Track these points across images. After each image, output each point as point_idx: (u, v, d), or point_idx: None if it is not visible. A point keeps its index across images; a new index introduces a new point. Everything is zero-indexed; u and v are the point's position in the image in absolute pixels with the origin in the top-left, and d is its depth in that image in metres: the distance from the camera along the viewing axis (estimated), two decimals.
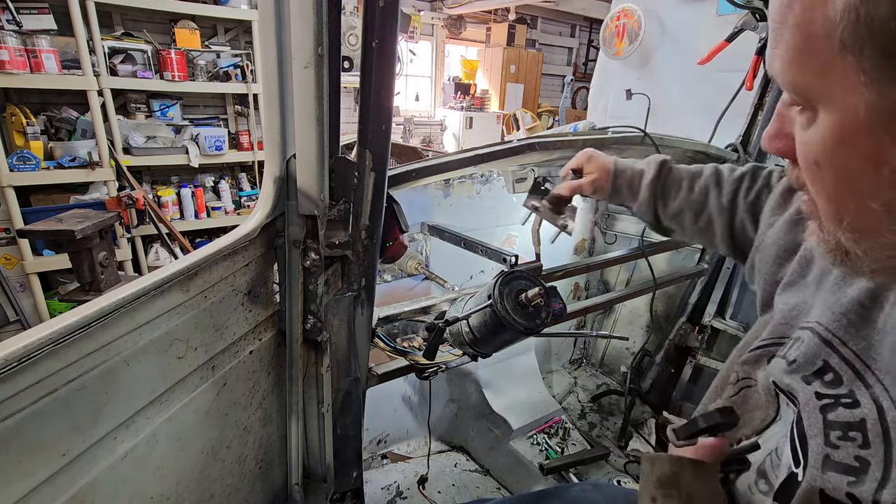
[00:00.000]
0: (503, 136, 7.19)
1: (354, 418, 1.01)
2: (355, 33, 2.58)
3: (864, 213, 0.39)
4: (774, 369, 0.58)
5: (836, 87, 0.36)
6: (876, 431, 0.45)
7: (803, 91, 0.40)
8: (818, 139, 0.40)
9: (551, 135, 1.27)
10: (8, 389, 0.45)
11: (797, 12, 0.37)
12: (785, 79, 0.41)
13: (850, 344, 0.51)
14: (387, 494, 1.72)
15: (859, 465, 0.45)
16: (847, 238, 0.41)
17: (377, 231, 0.85)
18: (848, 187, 0.40)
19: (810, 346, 0.54)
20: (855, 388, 0.48)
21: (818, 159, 0.40)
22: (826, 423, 0.49)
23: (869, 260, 0.41)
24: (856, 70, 0.35)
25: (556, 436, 2.01)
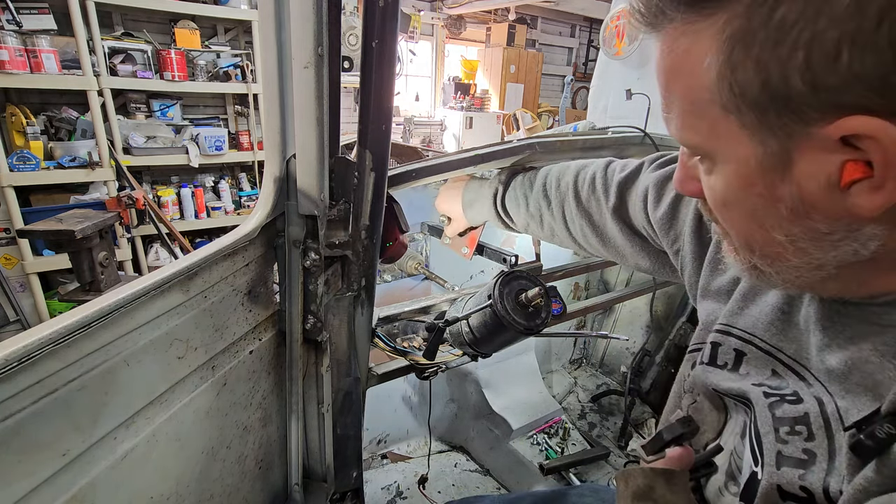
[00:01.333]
0: (503, 136, 7.19)
1: (354, 418, 1.01)
2: (355, 33, 2.58)
3: (770, 243, 0.44)
4: (714, 378, 0.61)
5: (726, 142, 0.41)
6: (818, 424, 0.48)
7: (700, 147, 0.45)
8: (721, 184, 0.45)
9: (551, 135, 1.27)
10: (8, 389, 0.45)
11: (680, 83, 0.42)
12: (682, 138, 0.46)
13: (786, 350, 0.55)
14: (387, 494, 1.72)
15: (807, 457, 0.48)
16: (760, 262, 0.47)
17: (377, 231, 0.85)
18: (754, 222, 0.44)
19: (758, 359, 0.58)
20: (798, 388, 0.52)
21: (725, 200, 0.45)
22: (775, 419, 0.51)
23: (780, 278, 0.47)
24: (739, 126, 0.40)
25: (556, 436, 2.01)
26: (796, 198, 0.40)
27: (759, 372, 0.57)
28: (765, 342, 0.57)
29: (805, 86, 0.34)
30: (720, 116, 0.40)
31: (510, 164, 1.19)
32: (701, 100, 0.41)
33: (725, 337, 0.62)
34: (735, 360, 0.60)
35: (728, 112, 0.39)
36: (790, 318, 0.56)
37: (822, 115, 0.35)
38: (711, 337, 0.64)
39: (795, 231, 0.42)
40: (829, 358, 0.49)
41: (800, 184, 0.39)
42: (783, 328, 0.56)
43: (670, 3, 0.39)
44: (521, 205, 1.04)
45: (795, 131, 0.37)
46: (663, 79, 0.44)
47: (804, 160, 0.38)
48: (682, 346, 2.02)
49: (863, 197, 0.37)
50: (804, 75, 0.34)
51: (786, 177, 0.40)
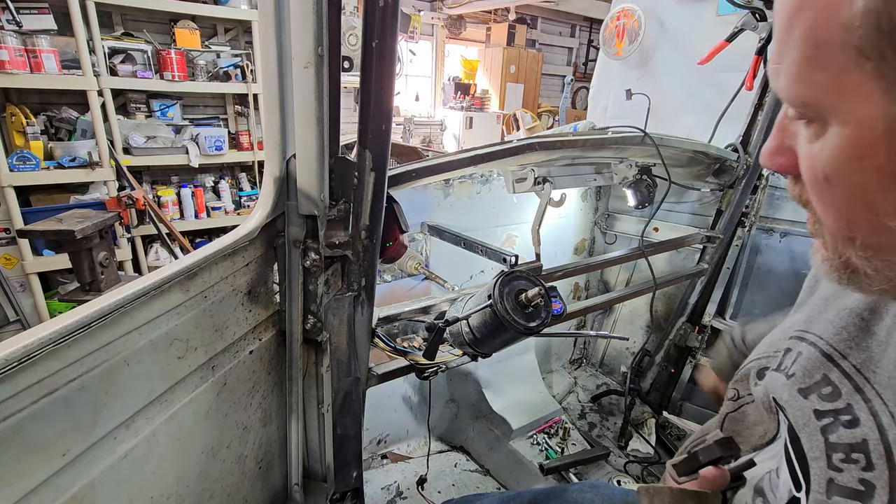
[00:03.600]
0: (503, 136, 7.19)
1: (354, 418, 1.01)
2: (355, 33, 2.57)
3: (880, 231, 0.37)
4: (773, 384, 0.56)
5: (851, 99, 0.34)
6: (879, 453, 0.43)
7: (813, 104, 0.37)
8: (829, 153, 0.37)
9: (551, 135, 1.27)
10: (8, 389, 0.45)
11: (807, 20, 0.35)
12: (793, 92, 0.38)
13: (851, 357, 0.50)
14: (387, 494, 1.72)
15: (864, 488, 0.43)
16: (858, 256, 0.39)
17: (377, 231, 0.85)
18: (862, 204, 0.37)
19: (810, 360, 0.53)
20: (853, 402, 0.47)
21: (829, 175, 0.38)
22: (828, 444, 0.47)
23: (879, 278, 0.40)
24: (875, 78, 0.33)
25: (556, 436, 2.01)
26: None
27: (808, 376, 0.52)
28: (830, 345, 0.52)
29: None
30: (851, 64, 0.33)
31: (510, 164, 1.19)
32: (831, 42, 0.34)
33: (797, 342, 0.57)
34: (794, 363, 0.55)
35: (865, 58, 0.32)
36: (869, 326, 0.50)
37: None
38: (788, 343, 0.59)
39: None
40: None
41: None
42: (856, 334, 0.51)
43: None
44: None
45: None
46: (786, 16, 0.37)
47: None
48: (682, 346, 2.02)
49: None
50: None
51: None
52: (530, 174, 1.31)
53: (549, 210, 1.37)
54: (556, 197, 1.39)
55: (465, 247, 1.41)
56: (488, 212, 1.79)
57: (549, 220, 1.47)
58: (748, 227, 1.85)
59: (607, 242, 2.28)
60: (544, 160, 1.31)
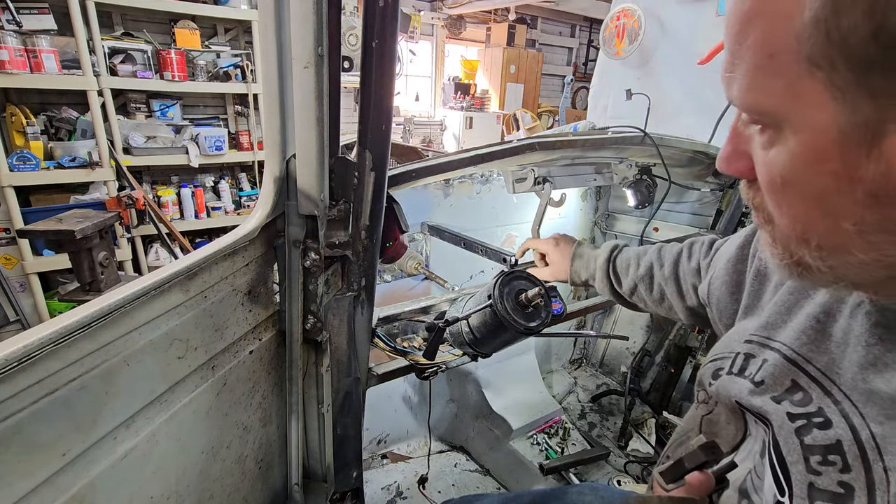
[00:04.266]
0: (503, 136, 7.19)
1: (354, 418, 1.01)
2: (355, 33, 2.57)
3: (834, 232, 0.38)
4: (736, 390, 0.57)
5: (805, 107, 0.35)
6: (854, 454, 0.43)
7: (767, 112, 0.38)
8: (785, 159, 0.38)
9: (551, 135, 1.27)
10: (8, 389, 0.45)
11: (760, 29, 0.36)
12: (746, 100, 0.39)
13: (815, 361, 0.51)
14: (387, 494, 1.72)
15: (844, 491, 0.43)
16: (813, 256, 0.40)
17: (377, 231, 0.85)
18: (817, 207, 0.38)
19: (777, 367, 0.54)
20: (823, 405, 0.47)
21: (785, 180, 0.39)
22: (804, 447, 0.47)
23: (833, 275, 0.40)
24: (826, 87, 0.33)
25: (556, 436, 2.01)
26: (881, 179, 0.33)
27: (778, 382, 0.53)
28: (794, 351, 0.53)
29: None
30: (803, 73, 0.34)
31: (510, 164, 1.19)
32: (783, 51, 0.34)
33: (760, 348, 0.58)
34: (760, 371, 0.56)
35: (816, 67, 0.33)
36: (824, 329, 0.51)
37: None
38: (746, 348, 0.60)
39: (870, 220, 0.35)
40: (875, 378, 0.44)
41: (890, 162, 0.33)
42: (815, 338, 0.52)
43: None
44: (633, 265, 1.03)
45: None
46: (738, 25, 0.38)
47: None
48: (682, 346, 2.02)
49: None
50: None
51: (873, 153, 0.33)
52: (530, 174, 1.31)
53: (549, 210, 1.37)
54: (556, 197, 1.39)
55: (465, 247, 1.41)
56: (488, 212, 1.79)
57: (549, 220, 1.47)
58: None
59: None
60: (544, 160, 1.32)
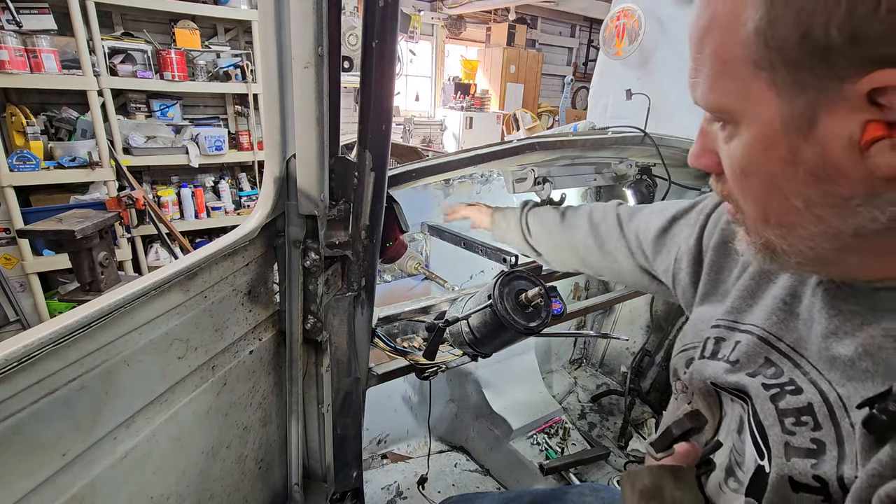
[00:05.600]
0: (503, 136, 7.19)
1: (354, 418, 1.01)
2: (355, 33, 2.57)
3: (788, 210, 0.44)
4: (710, 371, 0.62)
5: (754, 103, 0.42)
6: (823, 413, 0.48)
7: (726, 110, 0.45)
8: (743, 150, 0.45)
9: (551, 135, 1.27)
10: (8, 389, 0.45)
11: (714, 40, 0.43)
12: (708, 101, 0.46)
13: (784, 339, 0.56)
14: (387, 494, 1.72)
15: (817, 447, 0.48)
16: (775, 234, 0.47)
17: (377, 231, 0.85)
18: (772, 189, 0.45)
19: (750, 346, 0.59)
20: (794, 376, 0.53)
21: (745, 168, 0.46)
22: (779, 411, 0.52)
23: (794, 253, 0.47)
24: (769, 85, 0.40)
25: (556, 436, 2.01)
26: (818, 160, 0.40)
27: (752, 360, 0.58)
28: (765, 331, 0.58)
29: (844, 38, 0.35)
30: (751, 75, 0.41)
31: (510, 164, 1.19)
32: (734, 58, 0.41)
33: (729, 331, 0.63)
34: (734, 352, 0.60)
35: (760, 69, 0.40)
36: (792, 309, 0.57)
37: (856, 70, 0.36)
38: (714, 332, 0.64)
39: (814, 196, 0.42)
40: (836, 345, 0.49)
41: (823, 144, 0.39)
42: (784, 318, 0.57)
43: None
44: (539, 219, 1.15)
45: (826, 87, 0.38)
46: (697, 38, 0.45)
47: (829, 119, 0.39)
48: None
49: (882, 156, 0.37)
50: (844, 26, 0.35)
51: (809, 137, 0.40)
52: (530, 174, 1.31)
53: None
54: (556, 197, 1.39)
55: (465, 247, 1.41)
56: None
57: None
58: None
59: None
60: (544, 160, 1.32)
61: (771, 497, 0.51)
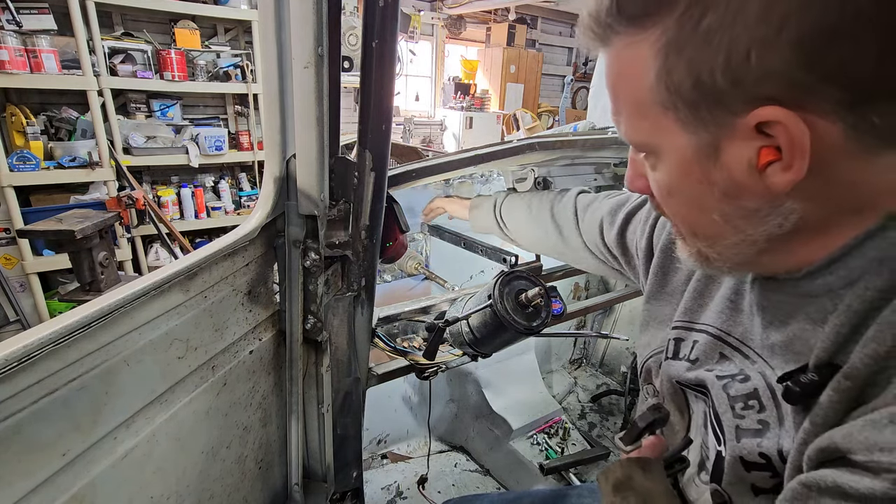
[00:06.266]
0: (503, 136, 7.19)
1: (354, 418, 1.01)
2: (355, 33, 2.57)
3: (710, 223, 0.50)
4: (674, 370, 0.67)
5: (667, 137, 0.48)
6: (767, 396, 0.54)
7: (645, 144, 0.51)
8: (666, 176, 0.51)
9: (551, 135, 1.27)
10: (8, 389, 0.45)
11: (625, 87, 0.49)
12: (630, 138, 0.52)
13: (733, 333, 0.62)
14: (387, 494, 1.72)
15: (762, 427, 0.53)
16: (703, 246, 0.53)
17: (377, 231, 0.85)
18: (694, 207, 0.51)
19: (706, 345, 0.64)
20: (744, 366, 0.58)
21: (670, 191, 0.52)
22: (730, 398, 0.57)
23: (723, 259, 0.53)
24: (675, 121, 0.46)
25: (556, 436, 2.01)
26: (727, 181, 0.46)
27: (709, 357, 0.63)
28: (716, 328, 0.64)
29: (727, 82, 0.41)
30: (660, 114, 0.46)
31: (510, 164, 1.19)
32: (643, 100, 0.47)
33: (686, 332, 0.68)
34: (693, 350, 0.66)
35: (666, 109, 0.46)
36: (737, 306, 0.62)
37: (742, 107, 0.41)
38: (674, 333, 0.69)
39: (728, 210, 0.48)
40: (772, 334, 0.55)
41: (728, 168, 0.45)
42: (731, 315, 0.63)
43: (616, 20, 0.46)
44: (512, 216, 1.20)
45: (722, 122, 0.43)
46: (611, 86, 0.51)
47: (730, 147, 0.44)
48: None
49: (777, 176, 0.43)
50: (725, 73, 0.40)
51: (717, 163, 0.46)
52: (530, 174, 1.31)
53: None
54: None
55: (465, 247, 1.41)
56: None
57: None
58: None
59: None
60: (544, 160, 1.32)
61: (729, 479, 0.56)
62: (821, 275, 0.49)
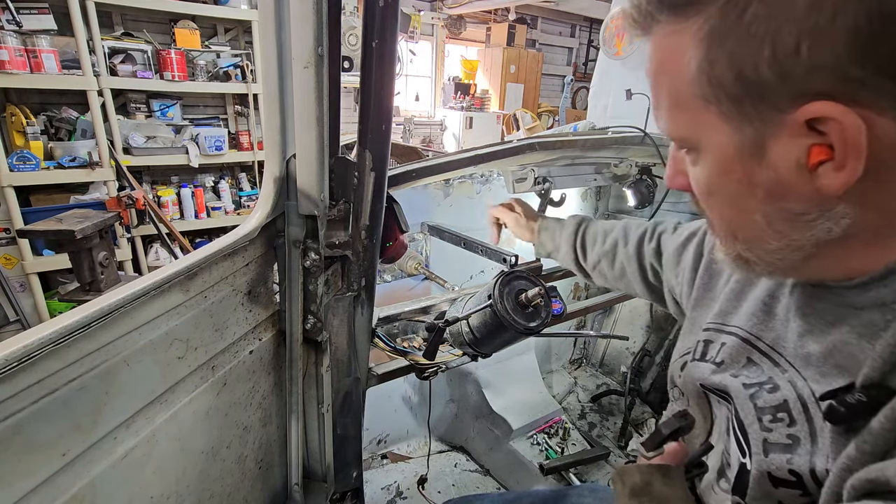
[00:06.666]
0: (503, 136, 7.19)
1: (354, 418, 1.01)
2: (355, 33, 2.57)
3: (750, 226, 0.48)
4: (699, 373, 0.64)
5: (708, 132, 0.45)
6: (798, 410, 0.51)
7: (686, 138, 0.49)
8: (705, 173, 0.49)
9: (551, 135, 1.27)
10: (8, 389, 0.45)
11: (666, 81, 0.47)
12: (669, 132, 0.50)
13: (764, 338, 0.59)
14: (387, 494, 1.72)
15: (792, 442, 0.50)
16: (742, 248, 0.50)
17: (377, 231, 0.85)
18: (735, 207, 0.48)
19: (734, 348, 0.61)
20: (773, 374, 0.55)
21: (710, 189, 0.49)
22: (757, 409, 0.54)
23: (763, 264, 0.50)
24: (718, 116, 0.44)
25: (556, 436, 2.01)
26: (772, 181, 0.43)
27: (736, 361, 0.61)
28: (746, 331, 0.61)
29: (773, 75, 0.38)
30: (701, 108, 0.44)
31: (510, 164, 1.19)
32: (684, 93, 0.45)
33: (717, 333, 0.66)
34: (720, 353, 0.63)
35: (708, 103, 0.43)
36: (771, 310, 0.60)
37: (790, 102, 0.39)
38: (704, 335, 0.67)
39: (772, 213, 0.45)
40: (809, 343, 0.52)
41: (774, 167, 0.43)
42: (763, 318, 0.60)
43: (657, 8, 0.45)
44: (599, 241, 1.07)
45: (768, 118, 0.41)
46: (652, 77, 0.49)
47: (777, 145, 0.42)
48: None
49: (828, 177, 0.40)
50: (772, 66, 0.38)
51: (761, 162, 0.43)
52: (530, 174, 1.31)
53: (549, 210, 1.37)
54: (556, 197, 1.40)
55: (465, 247, 1.41)
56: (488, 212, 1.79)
57: None
58: None
59: None
60: (544, 160, 1.32)
61: (754, 494, 0.53)
62: (874, 286, 0.46)
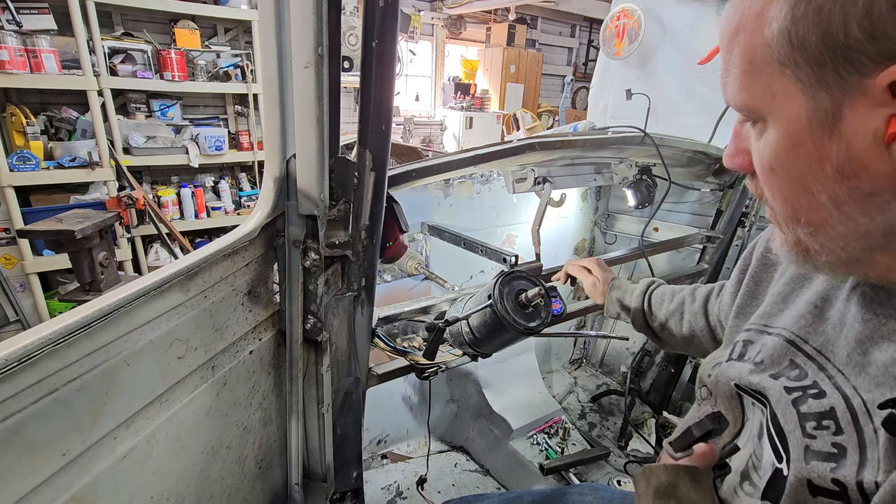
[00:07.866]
0: (503, 136, 7.19)
1: (354, 418, 1.01)
2: (355, 33, 2.57)
3: (816, 208, 0.44)
4: (735, 372, 0.62)
5: (780, 100, 0.43)
6: (846, 419, 0.48)
7: (754, 108, 0.46)
8: (771, 147, 0.46)
9: (551, 135, 1.27)
10: (8, 389, 0.45)
11: (741, 42, 0.45)
12: (737, 100, 0.47)
13: (811, 342, 0.56)
14: (387, 494, 1.72)
15: (837, 451, 0.48)
16: (804, 233, 0.47)
17: (377, 231, 0.85)
18: (800, 186, 0.45)
19: (776, 349, 0.59)
20: (818, 379, 0.53)
21: (773, 165, 0.46)
22: (800, 415, 0.51)
23: (825, 253, 0.46)
24: (794, 82, 0.41)
25: (556, 436, 2.01)
26: (843, 156, 0.41)
27: (777, 362, 0.58)
28: (792, 332, 0.59)
29: (863, 34, 0.36)
30: (776, 73, 0.42)
31: (510, 164, 1.19)
32: (760, 57, 0.43)
33: (758, 334, 0.63)
34: (760, 353, 0.61)
35: (785, 67, 0.41)
36: (822, 313, 0.57)
37: (877, 65, 0.37)
38: (744, 336, 0.65)
39: (841, 193, 0.42)
40: (872, 350, 0.49)
41: (848, 140, 0.40)
42: (813, 321, 0.57)
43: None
44: (667, 301, 1.08)
45: (848, 84, 0.39)
46: (727, 40, 0.46)
47: (853, 115, 0.39)
48: None
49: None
50: (863, 23, 0.36)
51: (834, 133, 0.41)
52: (530, 174, 1.31)
53: (549, 210, 1.37)
54: (556, 197, 1.39)
55: (465, 247, 1.41)
56: (488, 212, 1.79)
57: (549, 220, 1.47)
58: (748, 227, 1.85)
59: (607, 242, 2.28)
60: (544, 160, 1.32)
61: (789, 501, 0.50)
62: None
